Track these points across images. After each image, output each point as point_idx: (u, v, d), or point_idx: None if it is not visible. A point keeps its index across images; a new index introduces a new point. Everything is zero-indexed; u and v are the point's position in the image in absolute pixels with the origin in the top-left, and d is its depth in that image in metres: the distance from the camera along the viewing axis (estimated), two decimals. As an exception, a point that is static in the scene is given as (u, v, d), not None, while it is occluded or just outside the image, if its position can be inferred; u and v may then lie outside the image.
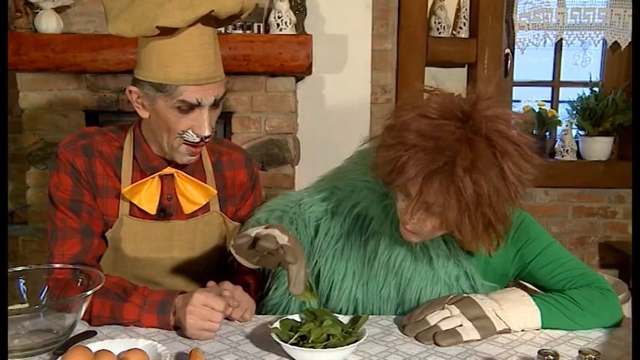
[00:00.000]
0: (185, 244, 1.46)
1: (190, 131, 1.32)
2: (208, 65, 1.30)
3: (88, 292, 1.16)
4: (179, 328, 1.26)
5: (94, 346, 1.09)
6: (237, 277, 1.52)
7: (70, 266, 1.30)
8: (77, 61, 2.65)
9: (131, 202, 1.40)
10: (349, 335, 1.15)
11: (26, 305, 1.26)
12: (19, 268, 1.28)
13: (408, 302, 1.35)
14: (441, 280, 1.33)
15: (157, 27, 1.23)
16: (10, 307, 1.21)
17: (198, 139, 1.33)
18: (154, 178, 1.40)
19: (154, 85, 1.29)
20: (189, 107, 1.29)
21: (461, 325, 1.22)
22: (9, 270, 1.26)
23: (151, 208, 1.41)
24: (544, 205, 3.26)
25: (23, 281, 1.27)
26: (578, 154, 3.31)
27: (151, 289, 1.34)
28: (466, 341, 1.21)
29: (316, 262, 1.40)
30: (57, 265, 1.31)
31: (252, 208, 1.54)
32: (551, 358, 0.99)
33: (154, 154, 1.42)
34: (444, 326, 1.22)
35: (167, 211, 1.44)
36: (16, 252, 2.85)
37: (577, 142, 3.31)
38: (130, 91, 1.34)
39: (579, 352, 0.99)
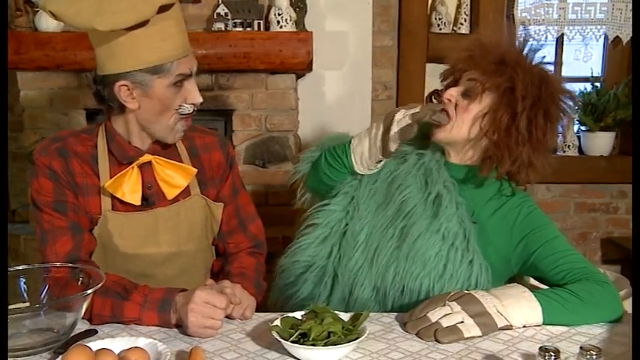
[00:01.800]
0: (171, 231, 1.46)
1: (184, 104, 1.37)
2: (185, 38, 1.36)
3: (89, 291, 1.16)
4: (180, 326, 1.26)
5: (95, 344, 1.08)
6: (230, 265, 1.54)
7: (70, 265, 1.30)
8: (77, 59, 2.64)
9: (113, 197, 1.41)
10: (350, 333, 1.14)
11: (27, 304, 1.26)
12: (20, 267, 1.28)
13: (405, 246, 1.42)
14: (440, 232, 1.41)
15: (160, 6, 1.25)
16: (11, 306, 1.21)
17: (192, 109, 1.39)
18: (133, 168, 1.41)
19: (148, 70, 1.31)
20: (182, 80, 1.35)
21: (462, 322, 1.22)
22: (10, 269, 1.26)
23: (136, 199, 1.41)
24: (546, 201, 3.25)
25: (24, 280, 1.27)
26: (580, 150, 3.30)
27: (147, 284, 1.34)
28: (467, 338, 1.21)
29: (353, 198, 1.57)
30: (57, 264, 1.31)
31: (232, 189, 1.58)
32: (552, 354, 0.98)
33: (129, 144, 1.42)
34: (445, 323, 1.22)
35: (149, 199, 1.45)
36: (17, 250, 2.85)
37: (578, 138, 3.30)
38: (121, 87, 1.33)
39: (580, 348, 0.98)
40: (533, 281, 1.49)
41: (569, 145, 3.26)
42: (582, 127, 3.28)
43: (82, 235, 1.39)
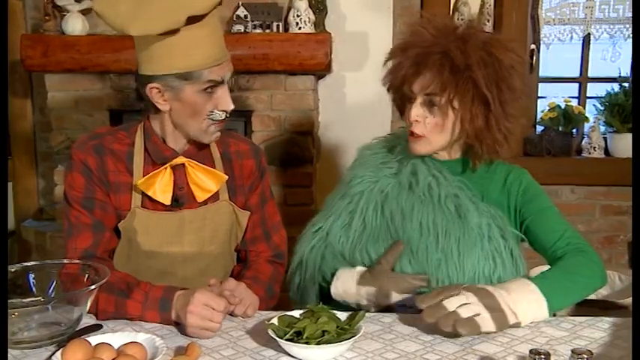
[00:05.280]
0: (195, 233, 1.49)
1: (216, 110, 1.40)
2: (219, 46, 1.39)
3: (92, 287, 1.20)
4: (180, 324, 1.29)
5: (94, 339, 1.12)
6: (247, 270, 1.57)
7: (78, 261, 1.34)
8: (100, 61, 2.71)
9: (143, 195, 1.45)
10: (344, 332, 1.15)
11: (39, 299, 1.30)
12: (30, 263, 1.32)
13: (408, 227, 1.43)
14: (443, 211, 1.43)
15: (187, 18, 1.28)
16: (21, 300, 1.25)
17: (224, 116, 1.42)
18: (166, 169, 1.44)
19: (178, 76, 1.35)
20: (213, 87, 1.38)
21: (479, 315, 1.19)
22: (20, 264, 1.31)
23: (166, 199, 1.44)
24: (570, 203, 3.19)
25: (33, 275, 1.31)
26: (607, 152, 3.23)
27: (167, 282, 1.38)
28: (482, 333, 1.19)
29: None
30: (65, 261, 1.35)
31: (260, 198, 1.60)
32: (543, 357, 0.98)
33: (165, 145, 1.46)
34: (464, 314, 1.18)
35: (180, 200, 1.48)
36: (44, 247, 2.94)
37: (605, 140, 3.23)
38: (152, 89, 1.38)
39: (572, 351, 0.97)
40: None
41: (594, 147, 3.20)
42: (609, 129, 3.22)
43: (102, 234, 1.44)
